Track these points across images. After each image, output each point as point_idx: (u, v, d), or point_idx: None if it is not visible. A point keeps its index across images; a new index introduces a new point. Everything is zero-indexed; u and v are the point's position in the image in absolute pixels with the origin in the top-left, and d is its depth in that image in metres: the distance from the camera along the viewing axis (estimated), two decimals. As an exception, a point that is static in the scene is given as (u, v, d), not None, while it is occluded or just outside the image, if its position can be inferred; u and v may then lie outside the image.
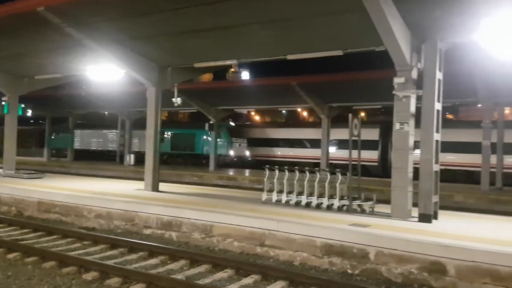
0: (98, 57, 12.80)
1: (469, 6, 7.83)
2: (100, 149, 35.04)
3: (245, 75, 70.96)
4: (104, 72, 13.53)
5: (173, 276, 6.63)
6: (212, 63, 13.06)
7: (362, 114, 42.88)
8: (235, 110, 29.39)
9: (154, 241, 8.75)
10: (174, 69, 13.53)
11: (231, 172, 24.93)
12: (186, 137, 30.70)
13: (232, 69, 68.49)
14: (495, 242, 6.99)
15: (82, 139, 35.87)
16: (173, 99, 13.95)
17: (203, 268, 7.16)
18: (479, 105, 20.72)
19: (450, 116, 47.23)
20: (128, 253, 8.07)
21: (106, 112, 35.38)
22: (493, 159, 18.55)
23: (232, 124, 33.27)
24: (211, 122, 26.74)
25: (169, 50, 12.73)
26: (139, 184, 13.92)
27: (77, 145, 35.95)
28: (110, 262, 7.19)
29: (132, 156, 29.44)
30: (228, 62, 13.46)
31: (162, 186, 13.68)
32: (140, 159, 25.76)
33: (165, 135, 30.49)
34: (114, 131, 33.31)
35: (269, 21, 10.05)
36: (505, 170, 19.30)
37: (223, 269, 7.08)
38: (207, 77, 51.14)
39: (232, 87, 25.00)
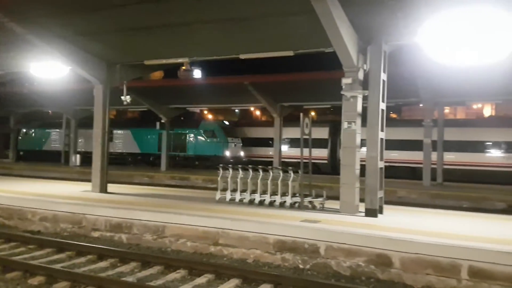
0: (42, 54, 12.21)
1: (412, 10, 8.24)
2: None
3: (197, 73, 70.25)
4: (48, 69, 12.92)
5: (124, 278, 6.49)
6: (163, 61, 12.86)
7: (313, 113, 43.92)
8: (187, 108, 28.87)
9: (103, 244, 8.52)
10: (123, 66, 13.19)
11: (183, 172, 24.61)
12: (178, 137, 28.30)
13: (184, 67, 67.56)
14: (436, 235, 7.42)
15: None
16: (122, 97, 13.61)
17: (155, 270, 7.07)
18: (421, 105, 21.80)
19: (394, 116, 49.41)
20: (76, 256, 7.81)
21: (50, 111, 33.70)
22: (434, 156, 19.64)
23: (227, 123, 31.34)
24: (162, 121, 26.25)
25: (118, 47, 12.38)
26: (86, 186, 13.46)
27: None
28: (57, 266, 6.93)
29: (78, 156, 28.31)
30: (180, 60, 13.32)
31: (111, 187, 13.30)
32: (87, 159, 24.72)
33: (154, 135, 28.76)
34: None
35: (221, 20, 10.06)
36: (445, 167, 20.51)
37: (176, 269, 7.03)
38: (157, 75, 50.11)
39: (184, 86, 24.69)
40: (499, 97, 19.71)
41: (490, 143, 21.53)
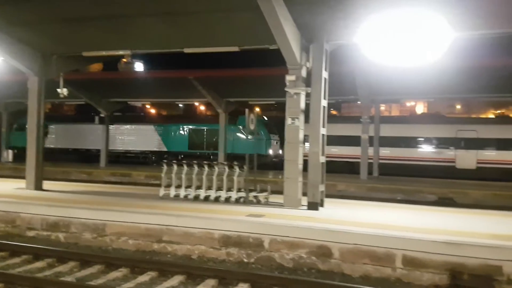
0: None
1: (352, 11, 8.59)
2: None
3: (139, 66, 68.25)
4: (-24, 58, 12.01)
5: (62, 278, 6.23)
6: (103, 53, 12.39)
7: (257, 109, 44.37)
8: (128, 102, 27.97)
9: (39, 244, 8.10)
10: (60, 57, 12.55)
11: (124, 168, 23.89)
12: (204, 133, 26.01)
13: (125, 60, 65.34)
14: (372, 226, 7.81)
15: None
16: (58, 90, 12.97)
17: (95, 269, 6.86)
18: (359, 102, 22.71)
19: (334, 112, 51.14)
20: (10, 257, 7.37)
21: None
22: (371, 151, 20.60)
23: (266, 118, 28.77)
24: (101, 115, 25.25)
25: (54, 38, 11.76)
26: (20, 183, 12.70)
27: None
28: (-12, 268, 6.51)
29: (10, 152, 26.55)
30: (121, 52, 12.90)
31: (47, 184, 12.66)
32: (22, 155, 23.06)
33: (182, 131, 26.71)
34: None
35: (164, 13, 9.87)
36: (380, 161, 21.60)
37: (117, 268, 6.85)
38: (96, 67, 48.13)
39: (125, 79, 23.91)
40: (431, 96, 21.07)
41: (422, 139, 22.94)
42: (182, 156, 25.48)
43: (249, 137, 24.96)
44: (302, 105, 9.99)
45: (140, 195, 11.61)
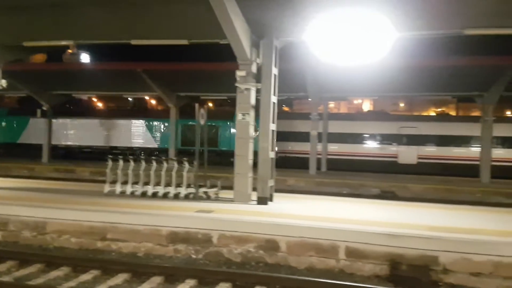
0: None
1: (300, 8, 8.73)
2: None
3: (85, 57, 65.40)
4: None
5: (-2, 279, 5.90)
6: (45, 43, 11.78)
7: (210, 104, 44.04)
8: (73, 95, 26.74)
9: (-28, 244, 7.61)
10: (-1, 47, 11.80)
11: (68, 164, 22.89)
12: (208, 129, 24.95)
13: (70, 50, 62.43)
14: (319, 219, 8.02)
15: None
16: (-4, 81, 12.18)
17: (35, 268, 6.55)
18: (309, 99, 23.15)
19: (286, 109, 51.81)
20: None
21: None
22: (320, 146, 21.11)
23: None
24: (44, 108, 23.98)
25: (-9, 26, 11.03)
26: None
27: None
28: None
29: None
30: (64, 43, 12.32)
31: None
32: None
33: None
34: None
35: (109, 3, 9.54)
36: (329, 156, 22.19)
37: (58, 267, 6.59)
38: (40, 58, 45.64)
39: (69, 70, 22.83)
40: (375, 94, 21.89)
41: (368, 135, 23.79)
42: (142, 152, 24.79)
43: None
44: (253, 100, 10.04)
45: (83, 191, 11.17)
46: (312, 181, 17.93)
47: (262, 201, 9.71)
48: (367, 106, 61.15)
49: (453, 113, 51.46)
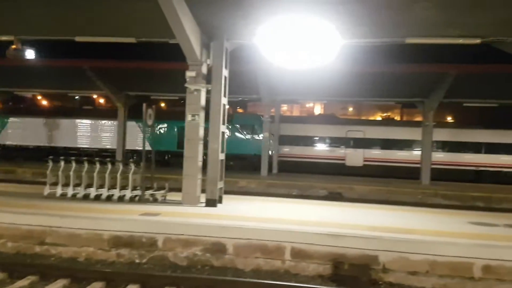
0: None
1: (250, 11, 8.75)
2: None
3: (30, 54, 62.14)
4: None
5: None
6: (-15, 37, 11.09)
7: (163, 104, 43.24)
8: (15, 93, 25.27)
9: None
10: None
11: (7, 165, 21.60)
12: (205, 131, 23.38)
13: (14, 46, 59.10)
14: (266, 221, 8.09)
15: None
16: None
17: (-36, 276, 6.13)
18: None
19: (240, 110, 51.98)
20: None
21: None
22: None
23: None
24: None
25: None
26: None
27: None
28: None
29: None
30: (4, 38, 11.62)
31: None
32: None
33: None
34: None
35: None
36: (280, 158, 22.46)
37: (-8, 273, 6.20)
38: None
39: (11, 66, 21.55)
40: (325, 98, 22.45)
41: (318, 138, 24.32)
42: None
43: (247, 137, 23.30)
44: (203, 101, 9.97)
45: (22, 194, 10.59)
46: (263, 182, 18.07)
47: (211, 203, 9.65)
48: (318, 109, 62.61)
49: (397, 118, 53.84)
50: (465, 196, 15.99)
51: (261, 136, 22.59)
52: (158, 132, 23.85)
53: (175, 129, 23.72)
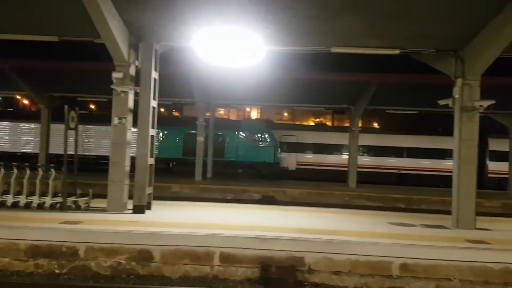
0: None
1: (180, 14, 8.60)
2: None
3: None
4: None
5: None
6: None
7: (92, 106, 41.27)
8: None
9: None
10: None
11: None
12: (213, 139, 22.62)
13: None
14: (196, 226, 7.97)
15: None
16: None
17: None
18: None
19: (176, 113, 51.12)
20: None
21: None
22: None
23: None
24: None
25: None
26: None
27: None
28: None
29: None
30: None
31: None
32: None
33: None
34: None
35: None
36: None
37: None
38: None
39: None
40: (259, 103, 22.74)
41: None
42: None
43: (257, 144, 23.21)
44: (131, 104, 9.66)
45: None
46: (197, 187, 17.89)
47: (138, 209, 9.35)
48: (254, 114, 63.23)
49: (329, 123, 55.91)
50: (387, 197, 16.97)
51: (268, 144, 22.98)
52: (162, 138, 22.99)
53: (181, 136, 22.99)
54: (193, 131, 21.73)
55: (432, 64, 9.80)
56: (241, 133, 23.14)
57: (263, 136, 23.13)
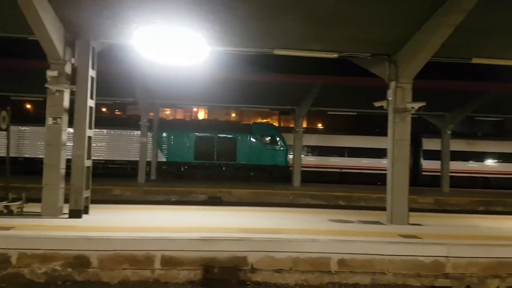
0: None
1: (118, 11, 8.33)
2: None
3: None
4: None
5: None
6: None
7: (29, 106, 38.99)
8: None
9: None
10: None
11: None
12: (224, 142, 22.70)
13: None
14: (135, 230, 7.75)
15: None
16: None
17: None
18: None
19: (119, 113, 49.51)
20: None
21: None
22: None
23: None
24: None
25: None
26: None
27: None
28: None
29: None
30: None
31: None
32: None
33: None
34: None
35: None
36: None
37: None
38: None
39: None
40: (206, 103, 22.63)
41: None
42: None
43: (268, 147, 23.32)
44: (66, 103, 9.26)
45: None
46: (140, 189, 17.44)
47: (75, 214, 8.97)
48: (202, 114, 62.70)
49: (276, 124, 56.73)
50: (329, 195, 17.51)
51: (279, 147, 23.33)
52: (173, 142, 22.64)
53: (193, 140, 22.83)
54: (205, 135, 22.67)
55: (368, 67, 10.24)
56: (253, 136, 23.40)
57: (274, 139, 23.47)
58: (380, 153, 23.57)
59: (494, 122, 34.43)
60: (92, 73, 9.38)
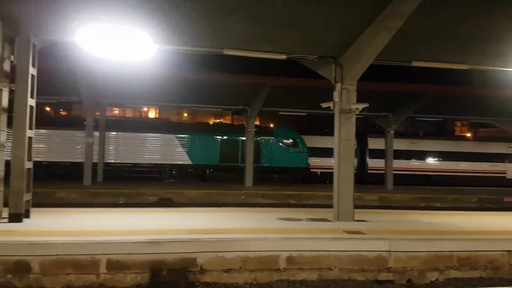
0: None
1: (60, 7, 8.03)
2: None
3: None
4: None
5: None
6: None
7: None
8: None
9: None
10: None
11: None
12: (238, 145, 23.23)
13: None
14: (79, 234, 7.50)
15: None
16: None
17: None
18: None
19: (64, 113, 47.62)
20: None
21: None
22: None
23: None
24: None
25: None
26: None
27: None
28: None
29: None
30: None
31: None
32: None
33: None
34: None
35: None
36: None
37: None
38: None
39: None
40: (155, 103, 22.27)
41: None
42: None
43: (290, 150, 23.87)
44: (5, 102, 8.82)
45: None
46: (86, 192, 16.87)
47: (15, 218, 8.52)
48: (153, 114, 61.52)
49: (229, 123, 56.75)
50: (280, 195, 17.80)
51: (300, 149, 24.41)
52: (198, 145, 22.90)
53: (218, 143, 23.40)
54: (230, 137, 23.62)
55: (315, 69, 10.52)
56: (276, 139, 24.33)
57: (296, 141, 24.44)
58: (329, 152, 24.33)
59: (435, 122, 36.42)
60: (32, 71, 8.94)
